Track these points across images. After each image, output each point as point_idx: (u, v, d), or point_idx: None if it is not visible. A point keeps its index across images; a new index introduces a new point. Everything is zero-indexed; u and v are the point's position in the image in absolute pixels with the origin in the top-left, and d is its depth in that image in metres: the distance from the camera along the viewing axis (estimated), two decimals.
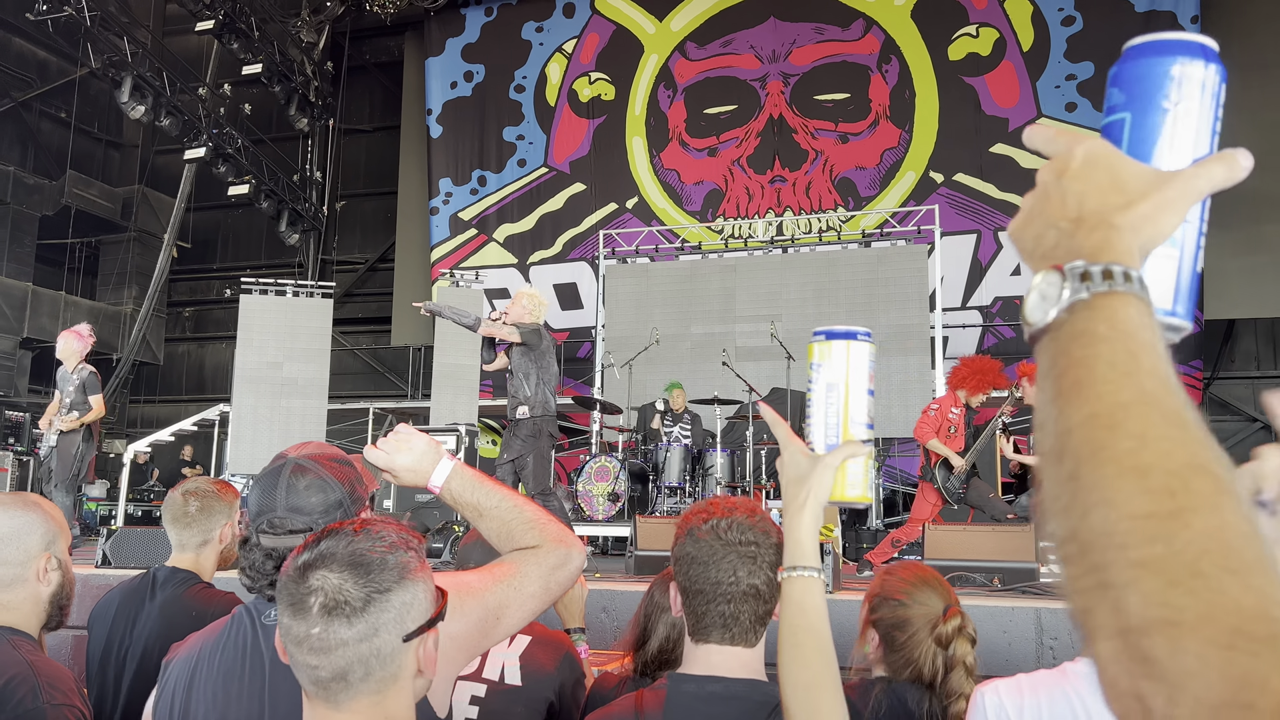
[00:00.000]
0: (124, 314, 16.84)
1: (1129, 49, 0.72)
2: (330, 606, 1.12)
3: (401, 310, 15.48)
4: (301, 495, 1.53)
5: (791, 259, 11.55)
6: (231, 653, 1.48)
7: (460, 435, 8.38)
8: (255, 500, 1.57)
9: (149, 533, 4.93)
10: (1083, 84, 12.46)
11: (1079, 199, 0.65)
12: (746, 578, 1.49)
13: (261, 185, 14.94)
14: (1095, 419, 0.54)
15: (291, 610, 1.14)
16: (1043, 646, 3.71)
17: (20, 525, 1.83)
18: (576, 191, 14.55)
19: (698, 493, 8.26)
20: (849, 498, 1.26)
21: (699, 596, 1.52)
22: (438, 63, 15.51)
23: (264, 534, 1.54)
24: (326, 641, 1.11)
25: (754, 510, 1.57)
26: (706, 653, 1.52)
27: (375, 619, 1.13)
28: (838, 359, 1.26)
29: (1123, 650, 0.48)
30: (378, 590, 1.14)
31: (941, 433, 6.45)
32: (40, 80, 16.82)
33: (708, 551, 1.51)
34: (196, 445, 13.98)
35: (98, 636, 2.21)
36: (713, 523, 1.54)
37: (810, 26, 13.69)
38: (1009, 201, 12.57)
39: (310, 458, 1.59)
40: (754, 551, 1.51)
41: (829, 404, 1.26)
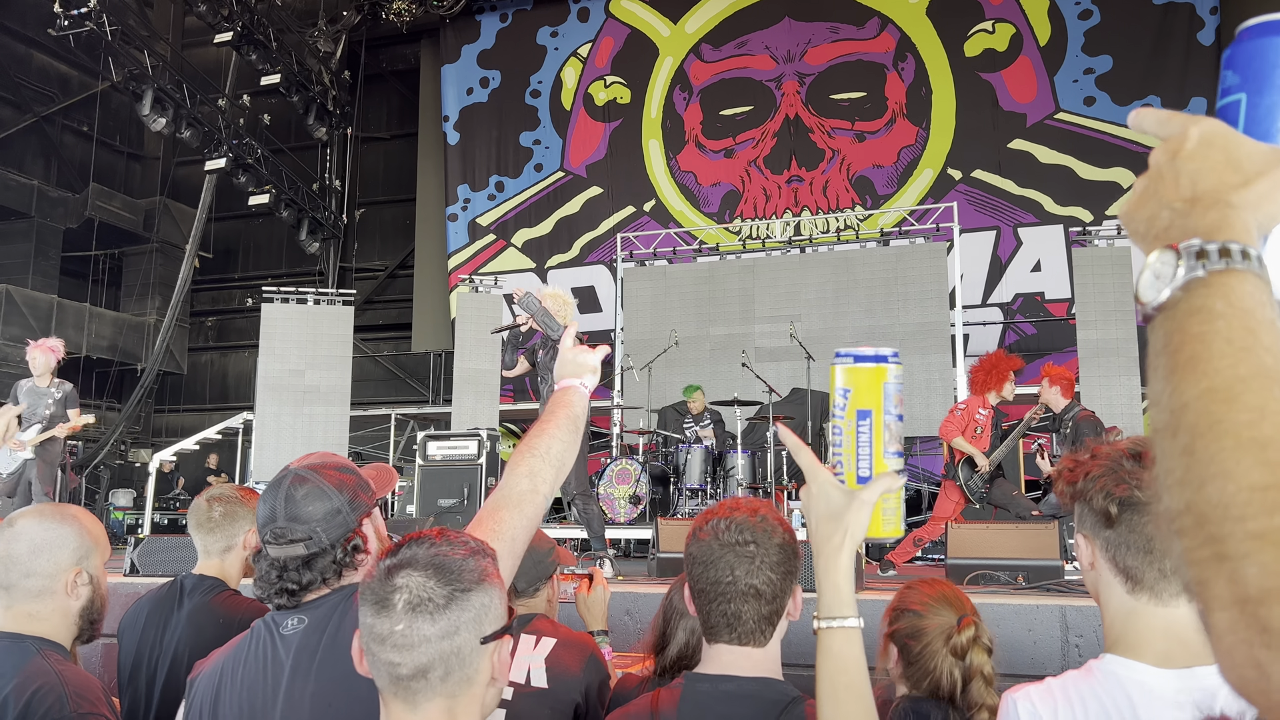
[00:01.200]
0: (147, 324, 17.02)
1: (1243, 30, 0.71)
2: (414, 603, 1.17)
3: (422, 316, 15.56)
4: (300, 505, 1.56)
5: (810, 259, 11.52)
6: (253, 665, 1.51)
7: (481, 440, 8.40)
8: (261, 512, 1.61)
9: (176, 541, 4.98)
10: (1101, 78, 12.37)
11: (1193, 178, 0.64)
12: (745, 577, 1.50)
13: (281, 195, 15.07)
14: (1213, 393, 0.54)
15: (376, 608, 1.18)
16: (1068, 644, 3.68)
17: (53, 538, 1.86)
18: (593, 195, 14.58)
19: (719, 494, 8.25)
20: (885, 533, 1.20)
21: (702, 596, 1.54)
22: (454, 69, 15.59)
23: (269, 544, 1.57)
24: (410, 638, 1.16)
25: (756, 510, 1.57)
26: (719, 652, 1.54)
27: (456, 617, 1.17)
28: (867, 384, 1.20)
29: (1240, 620, 0.48)
30: (460, 589, 1.18)
31: (967, 433, 6.44)
32: (62, 95, 17.03)
33: (707, 552, 1.54)
34: (221, 453, 14.10)
35: (128, 646, 2.23)
36: (713, 523, 1.56)
37: (825, 26, 13.66)
38: (1028, 197, 12.49)
39: (310, 467, 1.62)
40: (752, 551, 1.52)
41: (860, 433, 1.19)
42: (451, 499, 8.16)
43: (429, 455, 8.41)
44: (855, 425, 1.19)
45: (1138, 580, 1.26)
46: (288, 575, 1.55)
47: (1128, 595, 1.27)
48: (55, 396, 7.19)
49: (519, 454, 1.59)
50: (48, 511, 1.92)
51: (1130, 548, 1.26)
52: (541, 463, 1.57)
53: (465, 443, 8.45)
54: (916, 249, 11.00)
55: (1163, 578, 1.24)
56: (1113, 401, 9.01)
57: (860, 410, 1.19)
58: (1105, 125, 12.29)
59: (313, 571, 1.56)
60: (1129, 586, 1.27)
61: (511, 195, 15.03)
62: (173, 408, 17.95)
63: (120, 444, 16.30)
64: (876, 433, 1.19)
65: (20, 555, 1.82)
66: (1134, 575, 1.26)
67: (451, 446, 8.46)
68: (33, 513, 1.90)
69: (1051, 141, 12.48)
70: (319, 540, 1.56)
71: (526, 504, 1.53)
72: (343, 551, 1.58)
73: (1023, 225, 12.52)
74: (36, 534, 1.85)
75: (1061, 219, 12.27)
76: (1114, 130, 12.24)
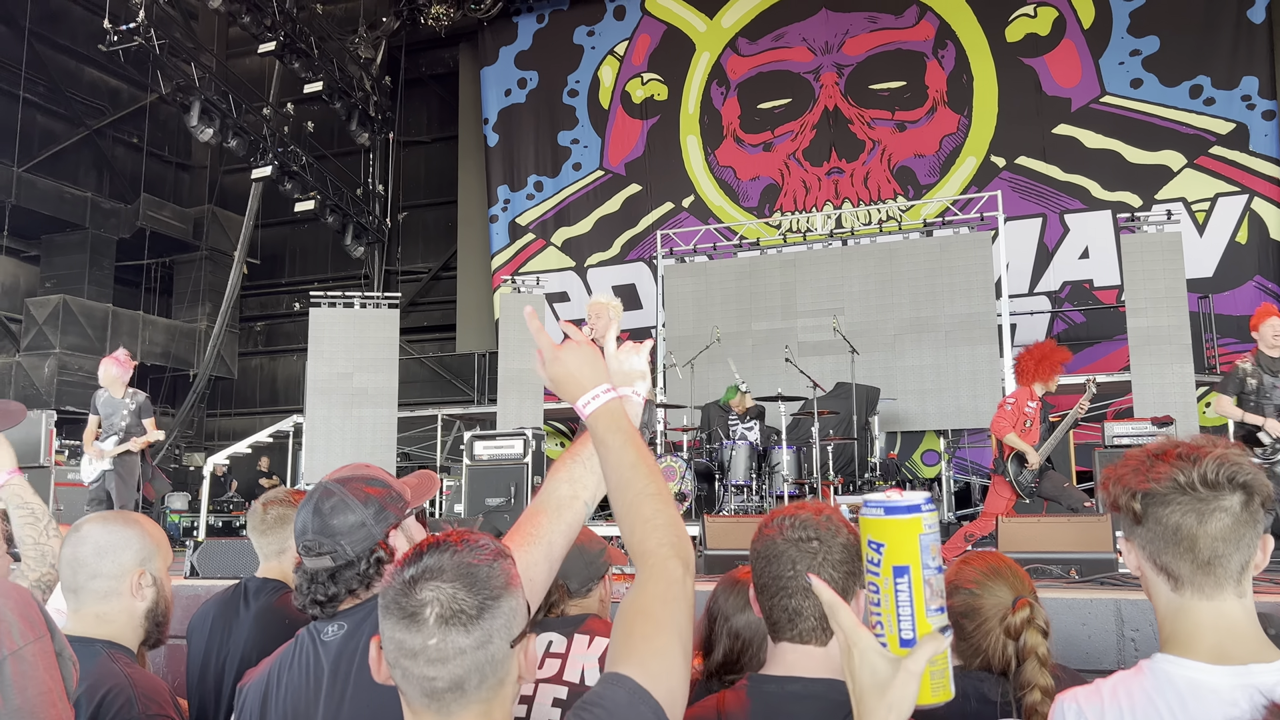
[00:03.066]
0: (199, 330, 17.37)
1: None
2: (447, 616, 1.14)
3: (466, 317, 15.71)
4: (327, 518, 1.61)
5: (852, 251, 11.45)
6: (298, 673, 1.56)
7: (527, 439, 8.48)
8: (296, 524, 1.66)
9: (233, 544, 5.10)
10: (1148, 59, 12.14)
11: None
12: (806, 572, 1.51)
13: (326, 200, 15.29)
14: None
15: (405, 623, 1.15)
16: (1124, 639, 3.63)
17: (117, 540, 1.92)
18: (633, 193, 14.60)
19: (765, 490, 8.24)
20: (934, 699, 1.13)
21: (765, 592, 1.57)
22: (492, 71, 15.70)
23: (303, 555, 1.63)
24: (444, 651, 1.14)
25: (821, 510, 1.59)
26: (783, 651, 1.55)
27: (489, 626, 1.15)
28: (901, 537, 1.13)
29: None
30: (490, 598, 1.16)
31: (1018, 426, 6.34)
32: (113, 108, 17.43)
33: (771, 547, 1.56)
34: (272, 456, 14.36)
35: (196, 649, 2.30)
36: (778, 520, 1.59)
37: (863, 16, 13.55)
38: (1074, 183, 12.29)
39: (339, 481, 1.67)
40: (814, 548, 1.53)
41: (899, 591, 1.12)
42: (499, 498, 8.25)
43: (475, 455, 8.51)
44: (893, 583, 1.12)
45: (1177, 576, 1.26)
46: (316, 587, 1.60)
47: (1173, 593, 1.27)
48: (130, 407, 7.42)
49: (562, 460, 1.59)
50: (110, 516, 1.99)
51: (1161, 541, 1.26)
52: (584, 470, 1.57)
53: (511, 442, 8.54)
54: (961, 239, 10.88)
55: (1198, 569, 1.24)
56: (1165, 390, 8.84)
57: (897, 567, 1.12)
58: (1153, 107, 12.06)
59: (338, 584, 1.60)
60: (1172, 584, 1.27)
61: (551, 195, 15.11)
62: (224, 412, 18.30)
63: (175, 448, 16.66)
64: (917, 589, 1.12)
65: (86, 558, 1.89)
66: (1172, 571, 1.26)
67: (498, 446, 8.55)
68: (96, 518, 1.97)
69: (1098, 125, 12.26)
70: (344, 553, 1.60)
71: (566, 510, 1.53)
72: (368, 564, 1.62)
73: (1069, 212, 12.32)
74: (101, 537, 1.91)
75: (1109, 204, 12.05)
76: (1162, 112, 12.00)
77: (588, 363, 1.43)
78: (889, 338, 10.91)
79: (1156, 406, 8.55)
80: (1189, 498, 1.23)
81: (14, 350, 15.65)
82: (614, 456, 1.37)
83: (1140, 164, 12.03)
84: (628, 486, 1.35)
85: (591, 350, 1.44)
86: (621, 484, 1.36)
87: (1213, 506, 1.22)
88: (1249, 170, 11.60)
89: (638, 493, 1.34)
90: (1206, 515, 1.22)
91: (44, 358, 15.15)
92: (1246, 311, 11.32)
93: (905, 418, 10.94)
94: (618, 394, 1.43)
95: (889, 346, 10.88)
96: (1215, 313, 11.27)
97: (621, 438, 1.38)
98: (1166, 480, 1.24)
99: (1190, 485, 1.23)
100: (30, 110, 15.87)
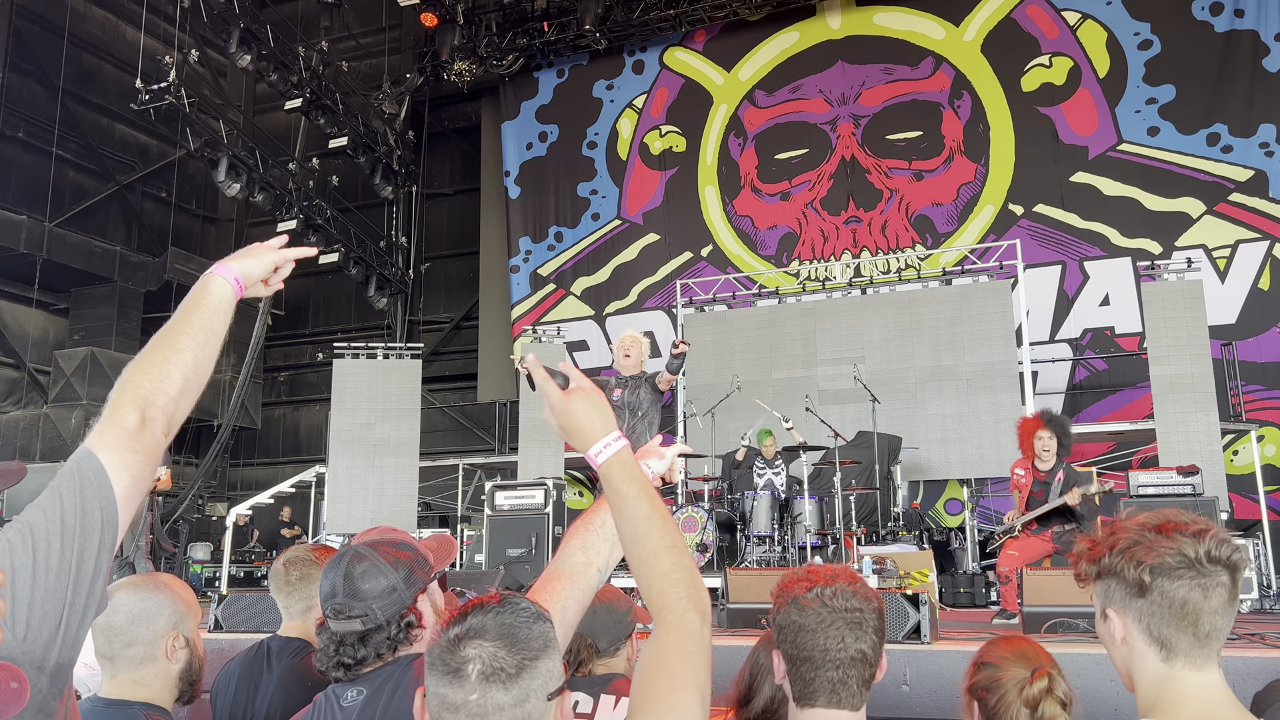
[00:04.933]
0: (223, 381, 17.54)
1: None
2: (488, 674, 1.18)
3: (487, 366, 15.80)
4: (358, 582, 1.64)
5: (871, 300, 11.48)
6: None
7: (548, 489, 8.48)
8: (323, 587, 1.69)
9: (257, 598, 5.11)
10: (1164, 107, 12.20)
11: None
12: (854, 643, 1.54)
13: (350, 252, 15.51)
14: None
15: (449, 679, 1.19)
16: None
17: (150, 606, 1.95)
18: (650, 242, 14.73)
19: (787, 541, 8.19)
20: None
21: (807, 664, 1.56)
22: (513, 125, 15.96)
23: (330, 619, 1.65)
24: (484, 707, 1.17)
25: (854, 578, 1.62)
26: (813, 716, 1.55)
27: (527, 685, 1.19)
28: None
29: None
30: (529, 658, 1.20)
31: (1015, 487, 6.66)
32: (142, 163, 17.81)
33: (815, 619, 1.56)
34: (295, 506, 14.41)
35: (222, 710, 2.31)
36: (818, 590, 1.58)
37: (879, 68, 13.72)
38: (1093, 230, 12.30)
39: (369, 545, 1.70)
40: (859, 618, 1.56)
41: None
42: (520, 548, 8.22)
43: (496, 505, 8.51)
44: None
45: (1172, 648, 1.29)
46: (344, 650, 1.62)
47: (1162, 664, 1.30)
48: None
49: (574, 529, 1.62)
50: (140, 582, 2.02)
51: (1165, 614, 1.28)
52: (596, 537, 1.60)
53: (532, 492, 8.53)
54: (980, 287, 10.89)
55: (1196, 642, 1.27)
56: (1190, 438, 8.76)
57: None
58: (1171, 155, 12.09)
59: (368, 647, 1.62)
60: (1164, 655, 1.30)
61: (570, 245, 15.26)
62: (247, 461, 18.41)
63: (198, 498, 16.75)
64: None
65: (120, 626, 1.92)
66: (1169, 643, 1.29)
67: (519, 496, 8.55)
68: (127, 585, 2.00)
69: (1115, 173, 12.30)
70: (374, 617, 1.62)
71: (579, 576, 1.55)
72: (397, 628, 1.65)
73: (1089, 259, 12.32)
74: (134, 604, 1.94)
75: (1129, 251, 12.04)
76: (1180, 160, 12.02)
77: (596, 410, 1.44)
78: (910, 386, 10.89)
79: (1182, 455, 8.46)
80: (1195, 573, 1.27)
81: (42, 402, 15.85)
82: (629, 508, 1.39)
83: (1159, 211, 12.03)
84: (644, 540, 1.37)
85: (599, 397, 1.45)
86: (638, 537, 1.37)
87: (1215, 583, 1.27)
88: (1269, 216, 11.57)
89: (654, 546, 1.36)
90: (1210, 591, 1.27)
91: (71, 409, 15.33)
92: (1271, 358, 11.24)
93: (928, 467, 10.87)
94: (627, 442, 1.44)
95: (910, 395, 10.85)
96: (1239, 359, 11.18)
97: (635, 488, 1.39)
98: (1175, 554, 1.27)
99: (1198, 560, 1.27)
100: (63, 166, 16.24)
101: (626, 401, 6.72)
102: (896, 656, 3.61)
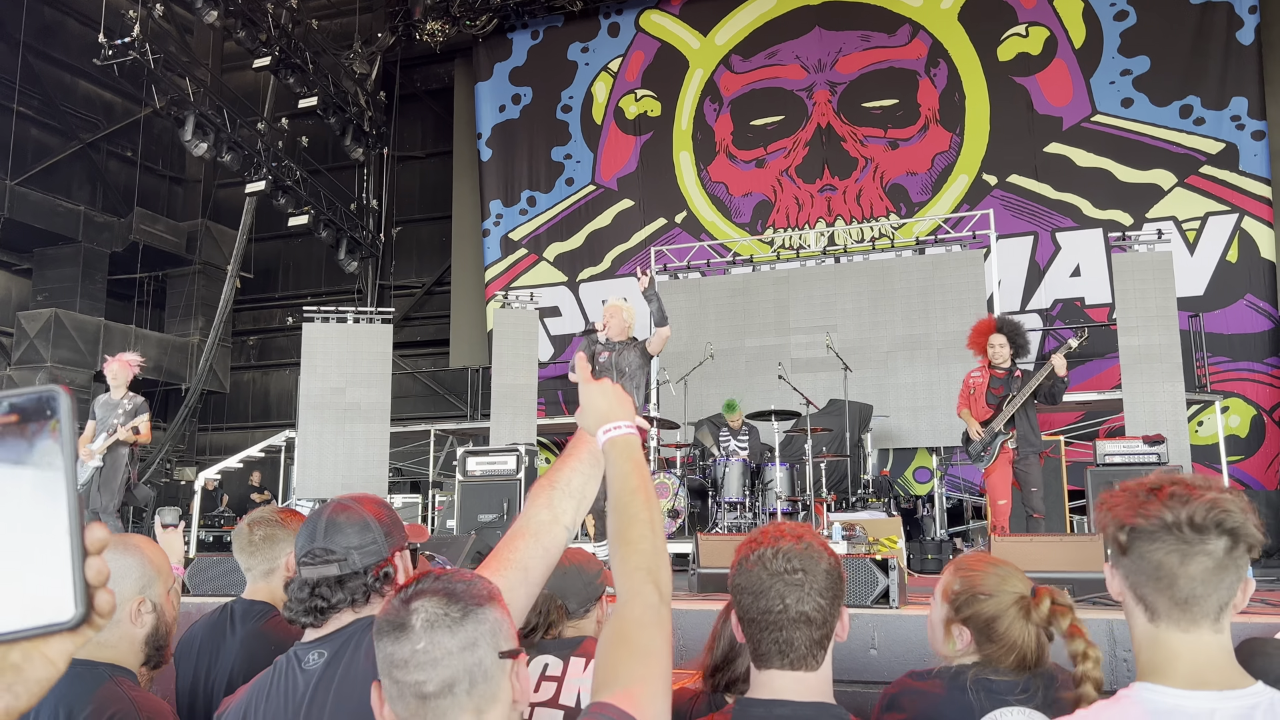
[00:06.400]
0: (191, 344, 17.32)
1: None
2: (432, 620, 1.20)
3: (460, 332, 15.70)
4: (340, 529, 1.63)
5: (845, 268, 11.48)
6: (277, 700, 1.56)
7: (520, 455, 8.46)
8: (301, 538, 1.67)
9: (225, 560, 5.05)
10: (1139, 79, 12.23)
11: None
12: (795, 605, 1.53)
13: (320, 215, 15.29)
14: None
15: (395, 634, 1.22)
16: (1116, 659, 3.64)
17: (117, 569, 1.90)
18: (625, 208, 14.64)
19: (758, 508, 8.23)
20: None
21: (753, 625, 1.56)
22: (486, 87, 15.75)
23: (304, 565, 1.63)
24: (432, 653, 1.19)
25: (800, 536, 1.59)
26: (770, 678, 1.55)
27: (474, 629, 1.21)
28: None
29: None
30: (472, 605, 1.23)
31: (964, 399, 7.02)
32: (107, 121, 17.43)
33: (756, 582, 1.56)
34: (264, 471, 14.31)
35: (184, 672, 2.28)
36: (759, 553, 1.58)
37: (856, 34, 13.64)
38: (1065, 201, 12.36)
39: (352, 498, 1.69)
40: (800, 579, 1.54)
41: None
42: (491, 514, 8.21)
43: (468, 471, 8.49)
44: None
45: (1154, 609, 1.28)
46: (319, 592, 1.60)
47: (1149, 624, 1.30)
48: (126, 408, 7.39)
49: (539, 487, 1.60)
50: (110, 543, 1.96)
51: (1142, 575, 1.28)
52: (562, 494, 1.58)
53: (504, 458, 8.52)
54: (953, 256, 10.92)
55: (1175, 606, 1.26)
56: (1156, 409, 8.87)
57: None
58: (1144, 127, 12.14)
59: (343, 591, 1.61)
60: (1148, 615, 1.29)
61: (543, 210, 15.13)
62: (216, 426, 18.24)
63: (166, 463, 16.59)
64: None
65: None
66: (1150, 604, 1.29)
67: (490, 462, 8.53)
68: None
69: (1089, 144, 12.34)
70: (353, 563, 1.61)
71: (544, 534, 1.54)
72: (374, 577, 1.63)
73: (1061, 230, 12.39)
74: None
75: (1101, 223, 12.12)
76: (1153, 132, 12.08)
77: (620, 402, 1.53)
78: (882, 355, 10.93)
79: (1148, 425, 8.57)
80: (1174, 538, 1.25)
81: (5, 364, 15.58)
82: (619, 479, 1.44)
83: (1131, 183, 12.10)
84: (624, 509, 1.40)
85: (626, 397, 1.55)
86: (619, 505, 1.41)
87: (1196, 549, 1.24)
88: (1239, 190, 11.68)
89: (631, 516, 1.39)
90: (1189, 557, 1.24)
91: (35, 371, 15.08)
92: (1237, 330, 11.39)
93: (898, 435, 10.95)
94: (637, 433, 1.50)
95: (882, 364, 10.90)
96: (1206, 331, 11.33)
97: (630, 465, 1.45)
98: (1155, 518, 1.26)
99: (1177, 526, 1.24)
100: (24, 123, 15.86)
101: (614, 363, 6.82)
102: (865, 621, 3.64)
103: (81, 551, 0.62)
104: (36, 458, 0.62)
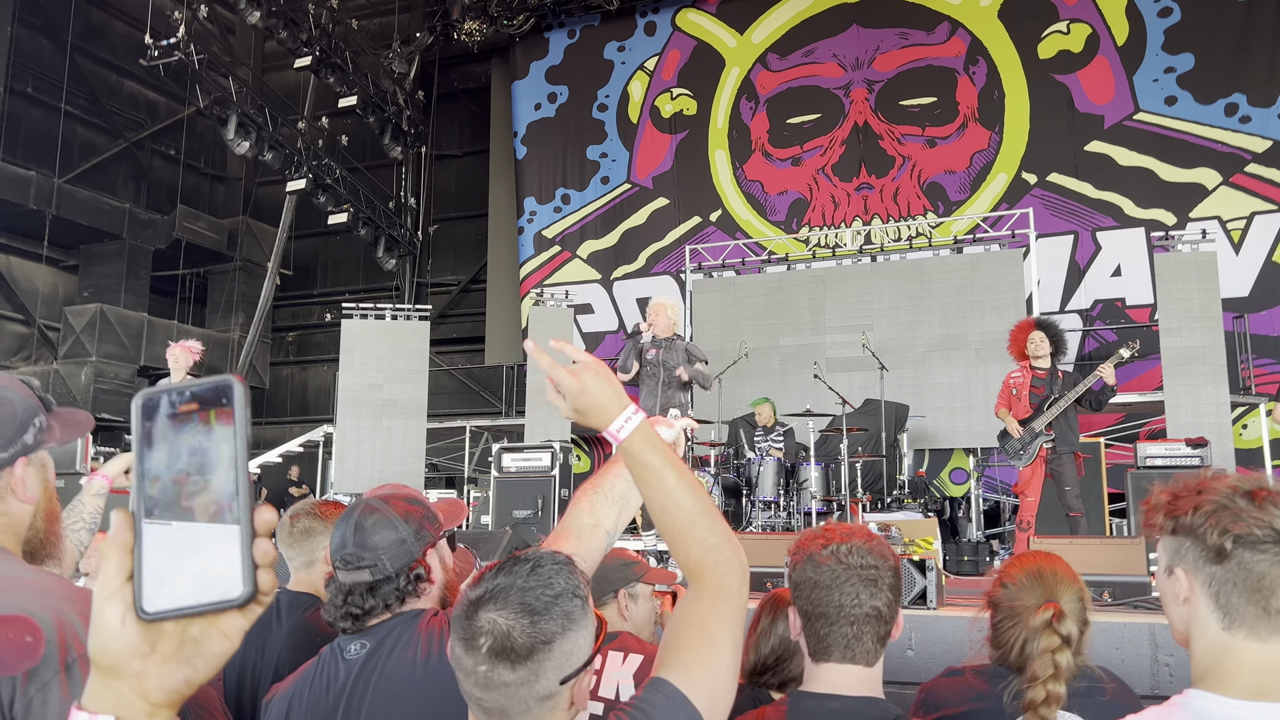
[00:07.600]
0: (232, 340, 17.58)
1: None
2: (497, 650, 1.17)
3: (495, 330, 15.80)
4: (369, 533, 1.65)
5: (881, 267, 11.41)
6: (320, 689, 1.59)
7: (555, 452, 8.51)
8: (334, 539, 1.70)
9: None
10: (1183, 76, 12.03)
11: None
12: (869, 600, 1.55)
13: (359, 213, 15.46)
14: None
15: (463, 645, 1.21)
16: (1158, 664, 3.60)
17: None
18: (659, 206, 14.65)
19: (792, 507, 8.21)
20: None
21: (822, 620, 1.57)
22: (523, 85, 15.83)
23: (338, 569, 1.66)
24: (491, 680, 1.18)
25: (871, 535, 1.62)
26: (826, 671, 1.57)
27: (537, 666, 1.18)
28: None
29: None
30: (542, 641, 1.18)
31: (1005, 399, 6.87)
32: (151, 120, 17.74)
33: (830, 576, 1.57)
34: (302, 465, 14.48)
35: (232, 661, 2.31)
36: (833, 548, 1.60)
37: (894, 32, 13.54)
38: (1107, 200, 12.19)
39: (381, 498, 1.71)
40: (875, 575, 1.57)
41: None
42: (526, 510, 8.27)
43: (504, 467, 8.56)
44: None
45: (1238, 617, 1.24)
46: (352, 600, 1.64)
47: (1222, 630, 1.25)
48: None
49: (583, 491, 1.62)
50: None
51: (1238, 585, 1.23)
52: (604, 500, 1.60)
53: (539, 455, 8.58)
54: (991, 255, 10.81)
55: (1266, 616, 1.22)
56: (1199, 411, 8.72)
57: None
58: (1188, 125, 11.94)
59: (375, 598, 1.64)
60: (1226, 622, 1.24)
61: (578, 208, 15.18)
62: (255, 421, 18.11)
63: None
64: None
65: None
66: (1235, 612, 1.24)
67: (525, 458, 8.60)
68: None
69: (1131, 143, 12.16)
70: (383, 568, 1.64)
71: (587, 537, 1.55)
72: (405, 580, 1.66)
73: (1101, 229, 12.22)
74: None
75: (1143, 222, 11.94)
76: (1197, 130, 11.88)
77: (609, 385, 1.39)
78: (918, 355, 10.85)
79: (1190, 428, 8.43)
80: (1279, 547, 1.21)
81: (51, 358, 15.91)
82: (655, 479, 1.36)
83: (1174, 182, 11.91)
84: (678, 509, 1.35)
85: (607, 370, 1.40)
86: (670, 507, 1.35)
87: None
88: None
89: (688, 513, 1.34)
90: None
91: (80, 366, 15.39)
92: None
93: (934, 435, 10.87)
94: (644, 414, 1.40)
95: (918, 364, 10.82)
96: (1251, 333, 11.12)
97: (660, 459, 1.36)
98: (1264, 525, 1.21)
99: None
100: (71, 123, 16.18)
101: (661, 360, 6.90)
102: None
103: (251, 532, 0.65)
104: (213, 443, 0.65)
